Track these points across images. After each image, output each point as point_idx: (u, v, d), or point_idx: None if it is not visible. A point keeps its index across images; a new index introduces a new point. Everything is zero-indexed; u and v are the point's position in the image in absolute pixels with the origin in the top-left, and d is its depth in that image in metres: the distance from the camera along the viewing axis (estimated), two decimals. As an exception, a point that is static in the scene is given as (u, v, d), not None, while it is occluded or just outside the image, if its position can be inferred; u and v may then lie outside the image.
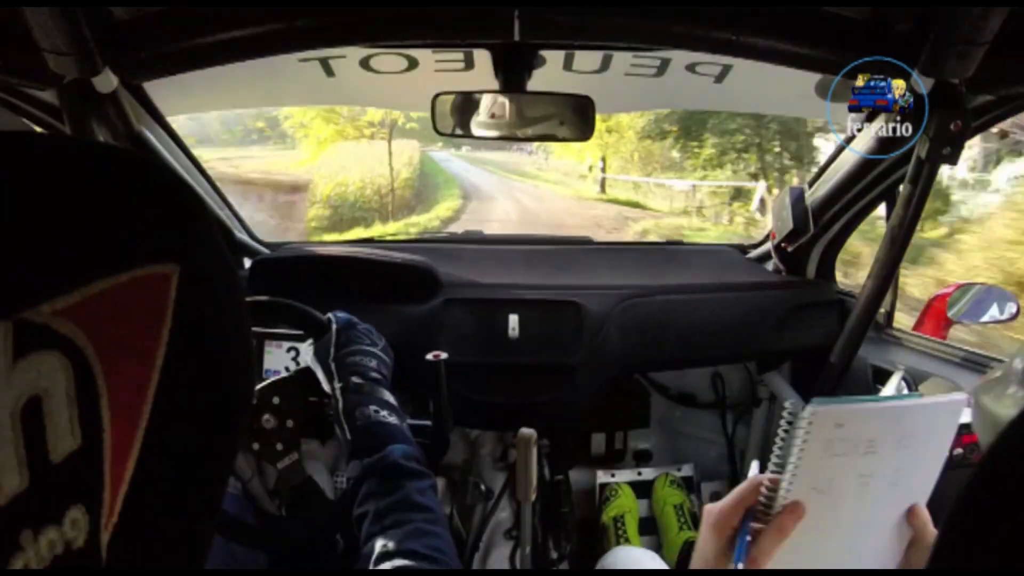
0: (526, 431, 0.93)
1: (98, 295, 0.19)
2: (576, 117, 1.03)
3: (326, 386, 0.73)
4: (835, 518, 0.52)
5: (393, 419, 0.68)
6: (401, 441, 0.65)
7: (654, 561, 1.01)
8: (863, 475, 0.53)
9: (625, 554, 1.06)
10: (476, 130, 1.04)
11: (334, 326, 0.78)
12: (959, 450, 0.85)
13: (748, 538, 0.48)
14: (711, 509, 0.50)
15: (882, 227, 1.05)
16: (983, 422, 0.75)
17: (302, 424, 0.85)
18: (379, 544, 0.54)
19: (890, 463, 0.53)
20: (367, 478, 0.62)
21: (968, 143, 0.87)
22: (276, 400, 0.84)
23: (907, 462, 0.54)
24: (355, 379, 0.71)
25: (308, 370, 0.82)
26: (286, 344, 1.12)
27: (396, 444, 0.64)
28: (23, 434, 0.17)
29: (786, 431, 0.50)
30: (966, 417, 0.65)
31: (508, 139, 1.07)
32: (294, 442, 0.86)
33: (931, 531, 0.52)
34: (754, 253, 1.46)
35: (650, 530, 1.36)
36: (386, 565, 0.52)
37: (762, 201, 8.54)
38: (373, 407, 0.68)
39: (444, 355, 0.86)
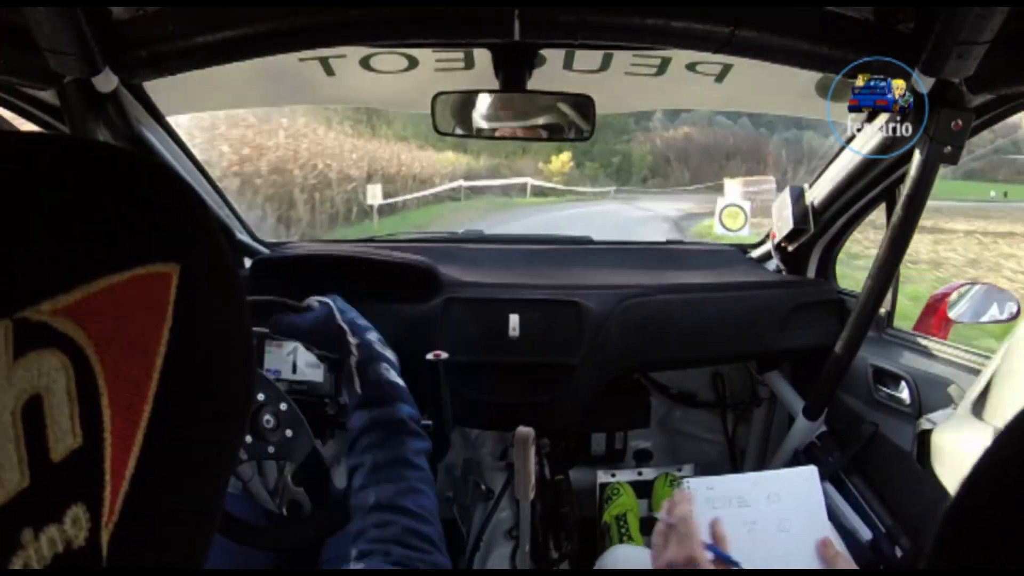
0: (523, 429, 0.93)
1: (98, 294, 0.19)
2: (577, 116, 1.03)
3: (348, 338, 0.73)
4: (743, 553, 0.74)
5: (401, 382, 0.71)
6: (408, 403, 0.68)
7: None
8: (747, 523, 0.78)
9: (624, 552, 1.06)
10: (476, 129, 1.04)
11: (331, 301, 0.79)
12: None
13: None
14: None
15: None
16: (942, 459, 0.79)
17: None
18: (372, 496, 0.59)
19: (768, 515, 0.78)
20: (371, 430, 0.65)
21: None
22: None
23: (787, 514, 0.78)
24: (369, 335, 0.73)
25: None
26: (287, 344, 1.11)
27: (404, 404, 0.68)
28: (24, 433, 0.17)
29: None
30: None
31: (508, 139, 1.07)
32: None
33: (841, 559, 0.75)
34: (755, 253, 1.46)
35: (650, 530, 1.36)
36: (375, 517, 0.57)
37: None
38: (385, 365, 0.71)
39: (444, 355, 0.86)
